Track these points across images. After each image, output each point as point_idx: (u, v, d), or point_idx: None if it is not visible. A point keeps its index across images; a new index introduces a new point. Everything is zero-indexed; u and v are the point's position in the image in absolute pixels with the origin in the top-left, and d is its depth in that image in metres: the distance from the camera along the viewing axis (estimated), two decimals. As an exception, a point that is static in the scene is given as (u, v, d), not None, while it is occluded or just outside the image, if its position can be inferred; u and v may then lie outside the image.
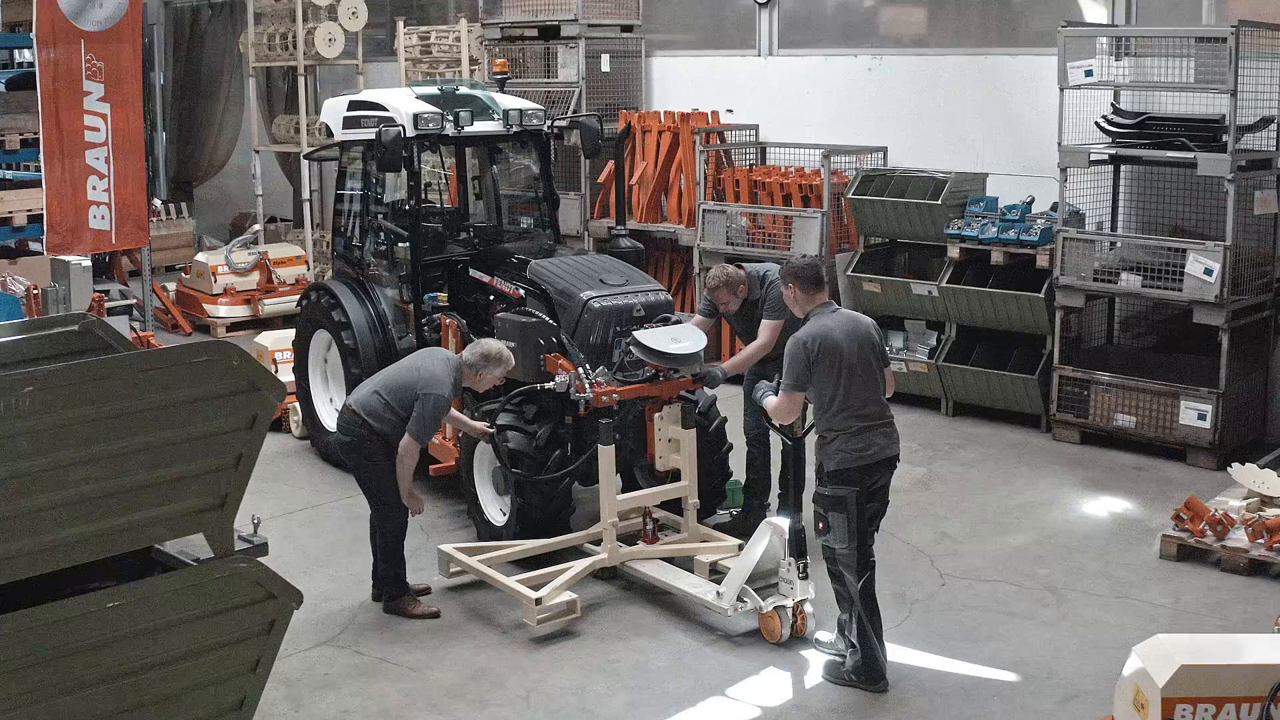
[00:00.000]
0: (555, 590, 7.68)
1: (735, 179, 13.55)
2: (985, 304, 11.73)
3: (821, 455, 7.03)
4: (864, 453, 6.93)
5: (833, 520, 6.94)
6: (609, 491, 8.10)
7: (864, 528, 6.97)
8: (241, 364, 4.57)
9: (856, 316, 7.26)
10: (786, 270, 7.29)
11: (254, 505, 10.05)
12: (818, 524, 7.04)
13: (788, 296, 7.32)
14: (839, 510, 6.91)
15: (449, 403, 7.84)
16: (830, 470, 6.96)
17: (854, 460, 6.91)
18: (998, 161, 12.45)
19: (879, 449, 6.98)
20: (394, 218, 10.34)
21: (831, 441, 6.95)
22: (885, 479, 7.11)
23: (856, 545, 6.93)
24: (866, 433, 6.95)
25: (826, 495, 6.97)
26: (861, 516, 6.94)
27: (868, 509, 7.00)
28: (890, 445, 7.07)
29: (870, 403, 7.01)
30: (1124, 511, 9.76)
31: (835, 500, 6.92)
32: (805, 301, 7.19)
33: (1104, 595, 8.26)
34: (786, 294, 7.32)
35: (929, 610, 8.05)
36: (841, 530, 6.92)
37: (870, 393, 7.02)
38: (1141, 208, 11.93)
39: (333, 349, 10.65)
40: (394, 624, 7.91)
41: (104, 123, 15.22)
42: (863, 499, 6.94)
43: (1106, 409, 11.11)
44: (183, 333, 16.13)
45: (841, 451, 6.92)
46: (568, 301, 8.78)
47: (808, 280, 7.18)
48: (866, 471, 6.96)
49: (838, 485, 6.93)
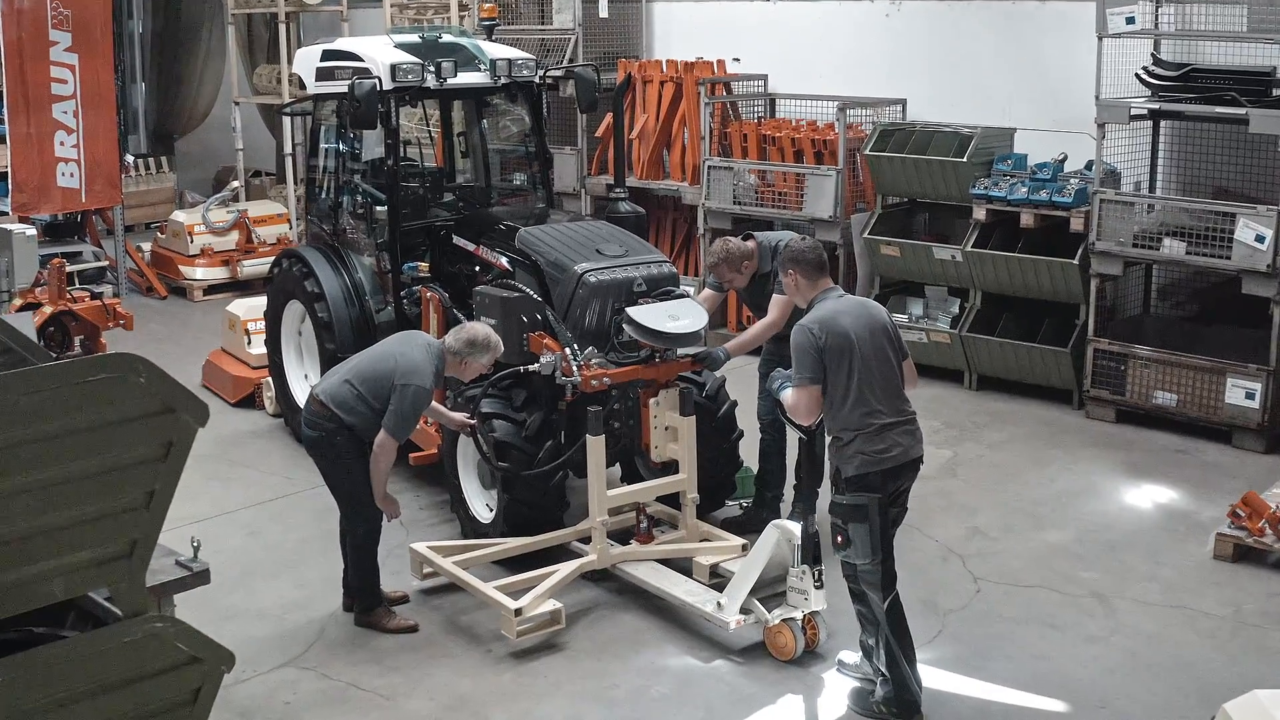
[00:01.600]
0: (537, 600, 6.86)
1: (743, 133, 12.75)
2: (1014, 270, 10.86)
3: (837, 459, 6.18)
4: (886, 455, 6.08)
5: (853, 533, 6.10)
6: (598, 487, 7.27)
7: (888, 539, 6.15)
8: (151, 381, 3.71)
9: (866, 302, 6.47)
10: (787, 255, 6.47)
11: (220, 495, 9.48)
12: (835, 537, 6.19)
13: (788, 284, 6.51)
14: (859, 521, 6.07)
15: (430, 394, 6.99)
16: (849, 476, 6.11)
17: (875, 464, 6.07)
18: (1026, 116, 11.57)
19: (903, 450, 6.14)
20: (372, 179, 9.46)
21: (849, 444, 6.10)
22: (909, 483, 6.28)
23: (881, 560, 6.11)
24: (887, 432, 6.10)
25: (845, 504, 6.12)
26: (885, 527, 6.11)
27: (889, 513, 6.18)
28: (915, 445, 6.22)
29: (890, 397, 6.16)
30: (1169, 502, 8.93)
31: (855, 510, 6.08)
32: (808, 289, 6.38)
33: (1155, 603, 7.44)
34: (787, 281, 6.50)
35: (963, 622, 7.23)
36: (863, 544, 6.08)
37: (889, 385, 6.18)
38: (1182, 167, 11.05)
39: (307, 321, 9.80)
40: (366, 640, 7.09)
41: (72, 74, 14.47)
42: (885, 507, 6.11)
43: (1145, 386, 10.26)
44: (157, 296, 15.26)
45: (861, 454, 6.07)
46: (560, 274, 7.91)
47: (810, 265, 6.36)
48: (890, 476, 6.12)
49: (857, 492, 6.08)
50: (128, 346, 12.67)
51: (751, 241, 8.00)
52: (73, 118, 14.50)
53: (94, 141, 14.69)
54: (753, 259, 7.92)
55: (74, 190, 14.67)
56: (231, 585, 7.72)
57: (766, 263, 7.91)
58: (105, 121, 14.83)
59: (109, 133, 14.90)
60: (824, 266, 6.39)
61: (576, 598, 7.38)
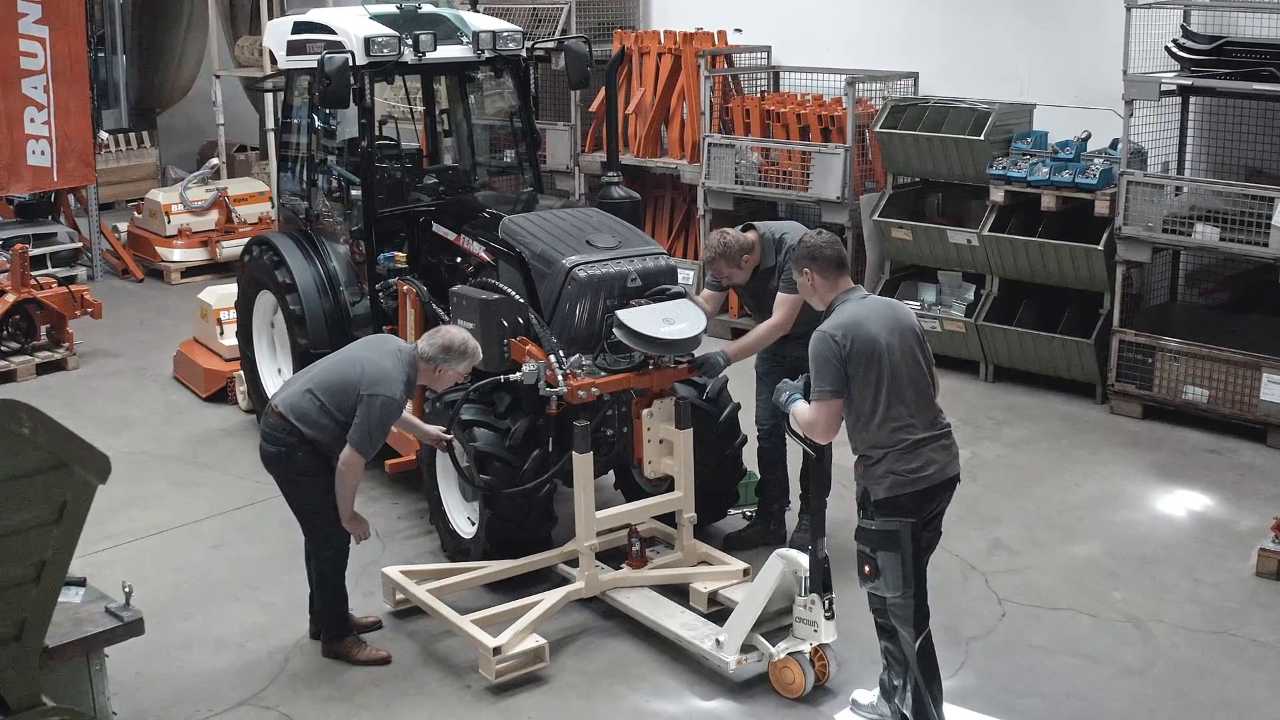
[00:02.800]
0: (518, 636, 6.22)
1: (745, 108, 12.12)
2: (1034, 256, 10.21)
3: (865, 480, 5.55)
4: (920, 474, 5.45)
5: (882, 562, 5.47)
6: (586, 508, 6.62)
7: (921, 569, 5.53)
8: (38, 433, 3.08)
9: (892, 303, 5.83)
10: (801, 252, 5.80)
11: (184, 502, 8.82)
12: (863, 567, 5.57)
13: (803, 284, 5.84)
14: (890, 549, 5.45)
15: (400, 406, 6.33)
16: (879, 499, 5.48)
17: (908, 484, 5.44)
18: (1046, 91, 10.90)
19: (938, 468, 5.51)
20: (346, 161, 8.80)
21: (878, 463, 5.47)
22: (945, 504, 5.66)
23: (914, 592, 5.49)
24: (921, 448, 5.48)
25: (874, 531, 5.49)
26: (918, 555, 5.49)
27: (922, 539, 5.56)
28: (951, 462, 5.60)
29: (923, 408, 5.55)
30: (1204, 509, 8.30)
31: (885, 536, 5.46)
32: (826, 289, 5.73)
33: (1197, 629, 6.81)
34: (802, 281, 5.83)
35: (989, 652, 6.60)
36: (894, 574, 5.46)
37: (921, 395, 5.56)
38: (1212, 147, 10.39)
39: (280, 312, 9.15)
40: (334, 673, 6.46)
41: (42, 48, 13.87)
42: (919, 532, 5.48)
43: (1174, 380, 9.62)
44: (134, 279, 14.60)
45: (892, 474, 5.44)
46: (547, 269, 7.25)
47: (828, 263, 5.70)
48: (924, 497, 5.49)
49: (888, 517, 5.45)
50: (98, 335, 12.08)
51: (752, 233, 7.31)
52: (43, 93, 13.89)
53: (66, 118, 14.07)
54: (753, 252, 7.24)
55: (45, 169, 14.05)
56: (190, 608, 7.13)
57: (769, 256, 7.24)
58: (78, 96, 14.20)
59: (82, 108, 14.26)
60: (844, 264, 5.75)
61: (563, 622, 6.76)
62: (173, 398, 10.64)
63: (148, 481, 8.89)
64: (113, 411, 10.34)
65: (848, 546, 7.36)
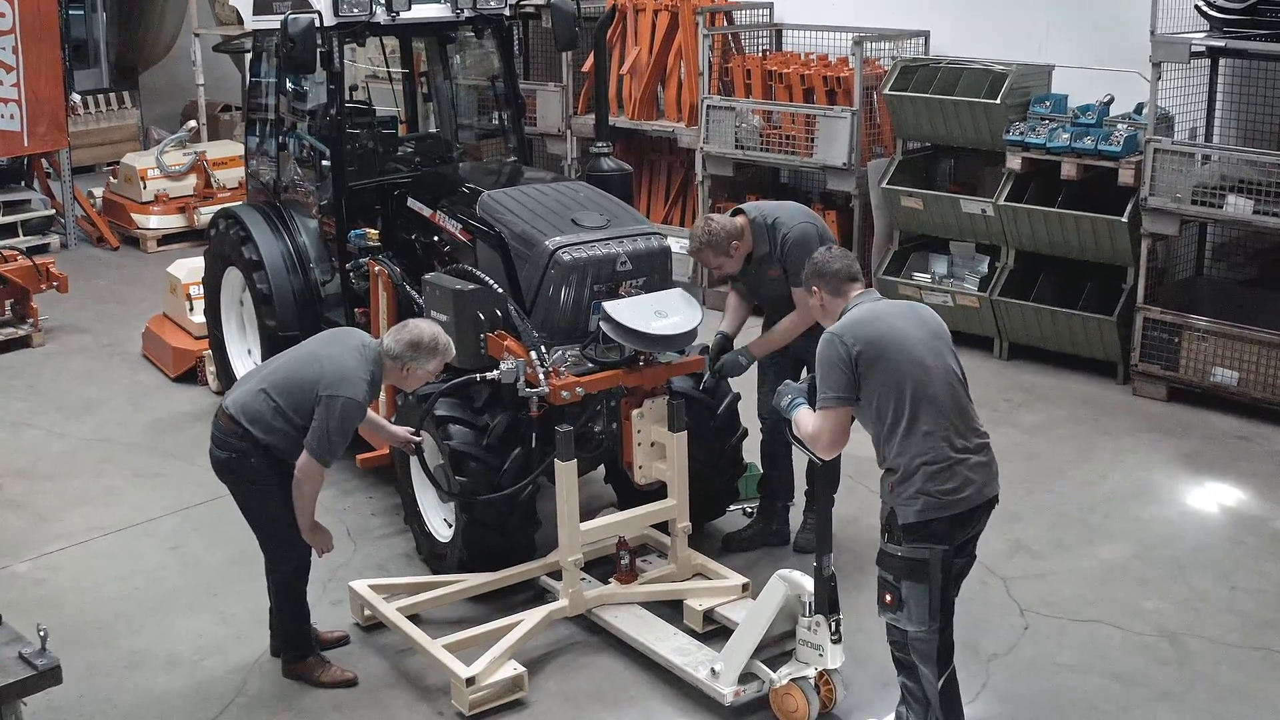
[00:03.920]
0: (494, 664, 5.66)
1: (746, 69, 11.55)
2: (1053, 227, 9.61)
3: (892, 500, 4.94)
4: (956, 495, 4.86)
5: (907, 593, 4.89)
6: (570, 520, 6.05)
7: (949, 602, 4.96)
8: None
9: (915, 305, 5.23)
10: (810, 270, 5.29)
11: (143, 497, 8.18)
12: (884, 595, 4.99)
13: (814, 306, 5.30)
14: (917, 579, 4.86)
15: (363, 408, 5.73)
16: (907, 523, 4.87)
17: (942, 507, 4.84)
18: (1066, 52, 10.26)
19: (976, 488, 4.91)
20: (315, 129, 8.18)
21: (907, 480, 4.87)
22: (981, 529, 5.08)
23: (939, 626, 4.92)
24: (958, 466, 4.87)
25: (901, 558, 4.89)
26: (948, 586, 4.92)
27: (954, 566, 4.99)
28: (990, 481, 5.00)
29: (959, 418, 4.94)
30: (1237, 505, 7.74)
31: (913, 566, 4.86)
32: (836, 306, 5.20)
33: (1236, 644, 6.25)
34: (812, 301, 5.30)
35: (1012, 672, 6.03)
36: (920, 607, 4.88)
37: (957, 404, 4.96)
38: (1242, 113, 9.76)
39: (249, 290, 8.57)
40: (295, 696, 5.90)
41: (10, 7, 13.30)
42: (950, 561, 4.90)
43: (1202, 361, 9.03)
44: (109, 247, 13.99)
45: (924, 496, 4.84)
46: (528, 251, 6.64)
47: (838, 279, 5.20)
48: (959, 523, 4.90)
49: (917, 543, 4.86)
50: (66, 308, 11.48)
51: (741, 217, 6.66)
52: (11, 54, 13.28)
53: (36, 79, 13.45)
54: (743, 238, 6.60)
55: (15, 134, 13.45)
56: (142, 620, 6.58)
57: (762, 242, 6.60)
58: (49, 57, 13.57)
59: (53, 70, 13.63)
60: (855, 277, 5.21)
61: (545, 638, 6.20)
62: (140, 378, 10.06)
63: (107, 473, 8.34)
64: (77, 393, 9.77)
65: (853, 548, 6.88)
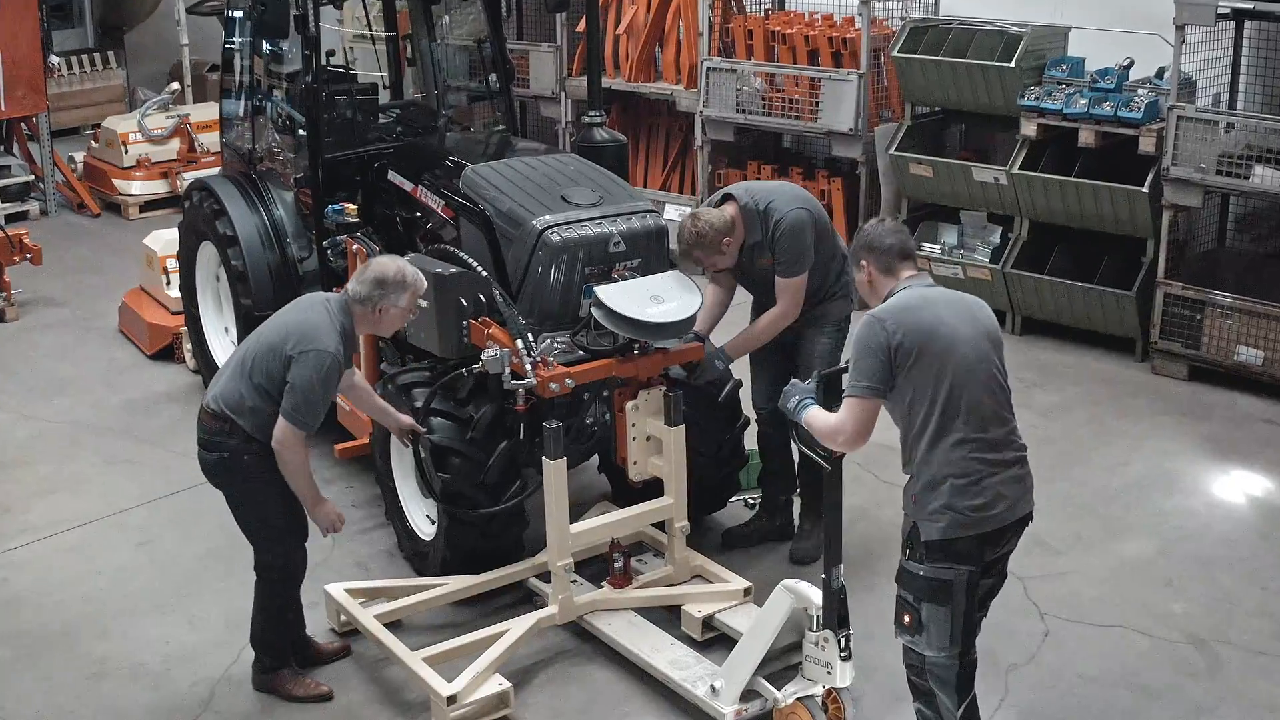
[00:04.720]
0: (477, 680, 5.27)
1: (747, 29, 11.11)
2: (1069, 197, 9.18)
3: (915, 513, 4.53)
4: (985, 513, 4.45)
5: (927, 615, 4.49)
6: (559, 522, 5.65)
7: (973, 626, 4.57)
8: None
9: (967, 297, 4.74)
10: (859, 242, 4.79)
11: (114, 486, 7.51)
12: (902, 616, 4.59)
13: (860, 281, 4.82)
14: (940, 602, 4.46)
15: (338, 361, 5.24)
16: (931, 540, 4.47)
17: (970, 525, 4.43)
18: (1083, 13, 9.79)
19: (1008, 505, 4.51)
20: (290, 97, 7.74)
21: (932, 491, 4.46)
22: (1011, 548, 4.68)
23: (961, 651, 4.53)
24: (990, 479, 4.46)
25: (923, 578, 4.49)
26: (972, 608, 4.52)
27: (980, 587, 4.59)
28: (1024, 497, 4.60)
29: (996, 425, 4.52)
30: (1264, 495, 7.36)
31: (936, 587, 4.46)
32: (884, 286, 4.73)
33: (1270, 652, 5.87)
34: (859, 277, 4.82)
35: (1033, 684, 5.64)
36: (941, 631, 4.48)
37: (997, 412, 4.53)
38: (1267, 78, 9.31)
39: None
40: (266, 711, 5.53)
41: (-17, -34, 12.68)
42: (976, 582, 4.50)
43: (1225, 339, 8.62)
44: (90, 214, 13.54)
45: (950, 512, 4.43)
46: (515, 230, 6.21)
47: (890, 254, 4.71)
48: (988, 542, 4.50)
49: (941, 563, 4.45)
50: (42, 279, 11.04)
51: (730, 205, 6.17)
52: (-15, 16, 12.79)
53: (12, 41, 12.94)
54: (734, 231, 6.12)
55: (-10, 99, 12.99)
56: (106, 624, 6.21)
57: (755, 230, 6.12)
58: (26, 18, 13.06)
59: (30, 31, 13.12)
60: (909, 255, 4.73)
61: (533, 646, 5.81)
62: (116, 355, 9.65)
63: (76, 460, 7.95)
64: (49, 371, 9.37)
65: (861, 544, 6.50)
